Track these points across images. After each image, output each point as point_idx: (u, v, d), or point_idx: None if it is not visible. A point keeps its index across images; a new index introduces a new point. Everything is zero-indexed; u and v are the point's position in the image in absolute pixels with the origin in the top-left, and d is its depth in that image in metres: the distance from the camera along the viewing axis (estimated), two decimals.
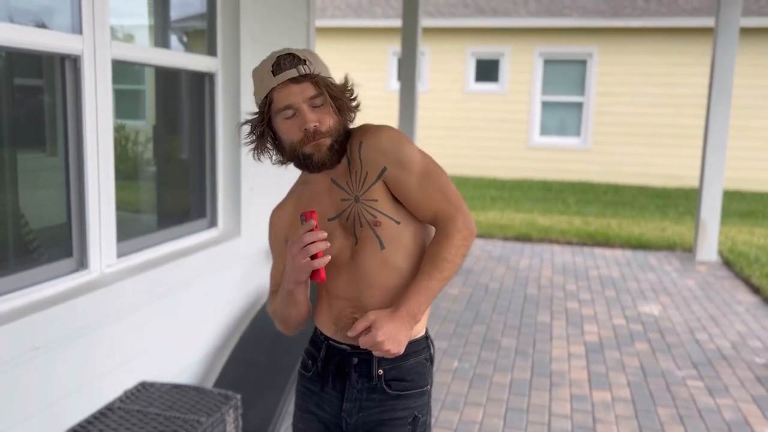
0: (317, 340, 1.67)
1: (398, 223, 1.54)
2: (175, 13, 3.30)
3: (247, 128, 1.56)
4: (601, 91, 12.57)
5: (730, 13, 6.48)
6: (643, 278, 6.20)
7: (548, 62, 12.86)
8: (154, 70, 3.08)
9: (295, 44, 4.20)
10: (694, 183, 11.73)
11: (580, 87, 12.79)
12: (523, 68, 12.84)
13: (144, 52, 2.92)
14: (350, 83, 1.55)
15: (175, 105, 3.34)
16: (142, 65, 2.96)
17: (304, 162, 1.52)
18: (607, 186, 12.25)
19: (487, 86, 13.09)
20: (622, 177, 12.64)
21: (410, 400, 1.61)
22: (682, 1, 12.63)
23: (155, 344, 2.83)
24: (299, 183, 1.67)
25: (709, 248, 6.91)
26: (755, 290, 5.85)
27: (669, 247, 7.53)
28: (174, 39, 3.34)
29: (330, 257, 1.48)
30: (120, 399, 2.56)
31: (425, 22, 12.36)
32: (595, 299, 5.49)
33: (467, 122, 13.10)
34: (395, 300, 1.54)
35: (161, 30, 3.20)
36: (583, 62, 12.70)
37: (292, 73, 1.46)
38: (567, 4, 13.04)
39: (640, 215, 9.48)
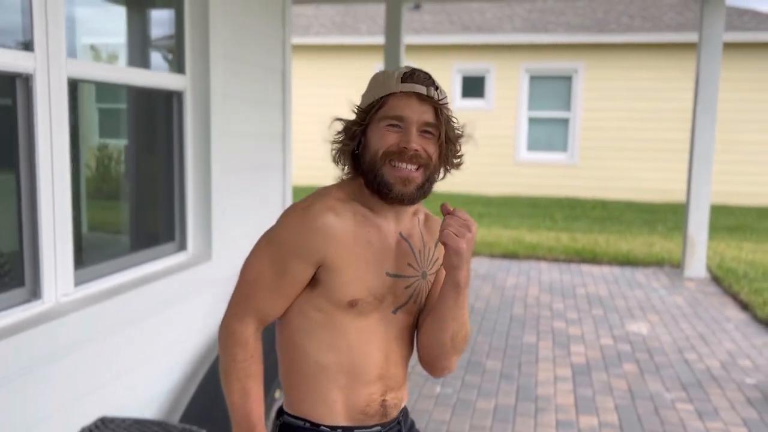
0: None
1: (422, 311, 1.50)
2: (142, 30, 3.19)
3: (338, 125, 1.40)
4: (587, 106, 12.57)
5: (713, 28, 6.46)
6: (631, 296, 6.10)
7: (534, 78, 12.85)
8: (120, 89, 2.96)
9: (270, 62, 4.10)
10: (682, 197, 11.69)
11: (567, 103, 12.78)
12: (510, 84, 12.82)
13: (104, 70, 2.80)
14: (464, 136, 1.42)
15: (141, 124, 3.22)
16: (103, 84, 2.84)
17: (378, 186, 1.32)
18: (595, 201, 12.20)
19: (473, 102, 13.05)
20: (609, 192, 12.59)
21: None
22: (666, 17, 12.68)
23: (117, 377, 2.68)
24: (357, 200, 1.37)
25: (697, 264, 6.83)
26: (744, 307, 5.77)
27: (657, 263, 7.45)
28: (141, 56, 3.22)
29: None
30: None
31: (411, 39, 12.34)
32: (583, 318, 5.37)
33: None
34: (407, 374, 1.51)
35: (127, 47, 3.09)
36: (569, 78, 12.70)
37: (422, 89, 1.34)
38: (552, 19, 13.07)
39: (627, 231, 9.40)
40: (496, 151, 12.89)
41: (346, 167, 1.40)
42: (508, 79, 12.80)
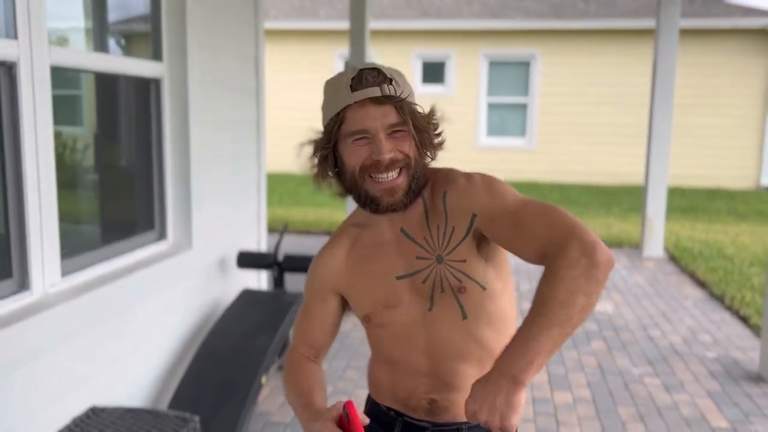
0: (384, 416, 1.43)
1: (484, 289, 1.32)
2: (119, 17, 3.14)
3: (308, 149, 1.34)
4: (545, 92, 12.78)
5: (670, 14, 6.64)
6: None
7: (493, 64, 12.99)
8: (97, 76, 2.92)
9: (244, 48, 4.08)
10: (636, 180, 12.03)
11: (525, 88, 12.96)
12: (469, 70, 12.93)
13: (85, 57, 2.75)
14: (436, 115, 1.34)
15: (119, 112, 3.17)
16: (84, 71, 2.80)
17: (365, 201, 1.31)
18: (553, 185, 12.45)
19: (433, 88, 13.13)
20: (567, 176, 12.87)
21: None
22: (621, 3, 12.95)
23: (105, 367, 2.67)
24: (353, 224, 1.42)
25: (655, 245, 7.07)
26: (701, 284, 6.01)
27: (617, 244, 7.67)
28: (118, 43, 3.17)
29: None
30: (69, 427, 2.40)
31: (370, 24, 12.30)
32: None
33: None
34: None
35: (105, 34, 3.04)
36: (527, 64, 12.88)
37: (375, 92, 1.24)
38: (510, 5, 13.20)
39: (585, 213, 9.65)
40: (457, 137, 13.00)
41: (331, 186, 1.36)
42: (468, 65, 12.92)
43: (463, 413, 1.34)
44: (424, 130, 1.30)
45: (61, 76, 2.62)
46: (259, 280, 4.41)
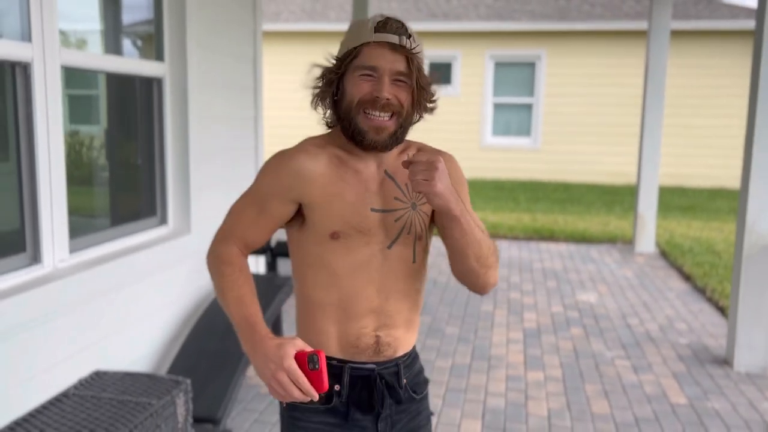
0: (330, 369, 1.45)
1: (426, 244, 1.53)
2: (122, 19, 3.45)
3: (316, 72, 1.46)
4: (549, 92, 12.99)
5: (661, 16, 6.87)
6: (584, 269, 6.52)
7: (499, 65, 13.23)
8: (103, 76, 3.23)
9: (242, 49, 4.38)
10: None
11: (530, 88, 13.18)
12: (475, 71, 13.17)
13: (93, 58, 3.07)
14: (435, 83, 1.48)
15: (124, 109, 3.48)
16: (92, 71, 3.11)
17: (353, 134, 1.41)
18: (557, 184, 12.66)
19: (440, 88, 13.35)
20: (571, 175, 13.07)
21: (426, 400, 1.63)
22: (625, 6, 13.13)
23: (109, 336, 2.98)
24: (337, 146, 1.47)
25: (647, 240, 7.29)
26: (687, 278, 6.23)
27: (610, 240, 7.90)
28: (123, 44, 3.48)
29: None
30: (74, 386, 2.70)
31: None
32: (537, 289, 5.77)
33: (421, 124, 13.18)
34: (413, 318, 1.53)
35: (110, 36, 3.35)
36: (532, 65, 13.10)
37: (394, 38, 1.37)
38: (516, 8, 13.43)
39: (586, 211, 9.85)
40: (463, 137, 13.26)
41: (325, 113, 1.47)
42: (474, 65, 13.16)
43: (402, 349, 1.52)
44: (424, 88, 1.42)
45: (73, 78, 2.94)
46: (257, 264, 4.71)
